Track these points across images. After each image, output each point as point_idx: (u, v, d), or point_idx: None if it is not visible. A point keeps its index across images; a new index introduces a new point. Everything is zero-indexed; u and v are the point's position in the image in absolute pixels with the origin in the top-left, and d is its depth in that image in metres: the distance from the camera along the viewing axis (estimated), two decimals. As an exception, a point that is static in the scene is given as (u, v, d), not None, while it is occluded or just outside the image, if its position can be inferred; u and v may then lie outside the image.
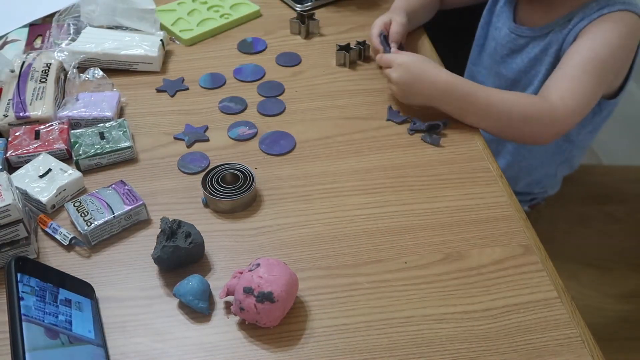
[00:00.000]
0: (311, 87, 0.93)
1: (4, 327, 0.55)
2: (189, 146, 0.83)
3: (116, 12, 0.99)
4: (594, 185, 1.21)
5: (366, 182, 0.77)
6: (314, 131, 0.85)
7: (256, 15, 1.10)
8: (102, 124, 0.82)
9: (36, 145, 0.79)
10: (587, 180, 1.21)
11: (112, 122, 0.82)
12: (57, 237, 0.69)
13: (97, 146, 0.79)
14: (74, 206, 0.71)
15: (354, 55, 0.97)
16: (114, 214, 0.70)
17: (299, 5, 1.11)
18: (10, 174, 0.70)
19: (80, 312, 0.59)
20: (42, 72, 0.89)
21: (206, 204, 0.74)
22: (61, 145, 0.79)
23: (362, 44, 0.98)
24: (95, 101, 0.86)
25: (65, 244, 0.69)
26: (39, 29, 1.03)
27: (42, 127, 0.81)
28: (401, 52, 0.89)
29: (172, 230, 0.65)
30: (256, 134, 0.85)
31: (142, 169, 0.80)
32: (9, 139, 0.79)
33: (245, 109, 0.89)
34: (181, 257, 0.65)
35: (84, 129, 0.81)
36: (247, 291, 0.58)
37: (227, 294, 0.61)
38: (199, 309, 0.62)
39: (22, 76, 0.88)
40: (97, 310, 0.62)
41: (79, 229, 0.69)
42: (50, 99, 0.85)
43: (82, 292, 0.62)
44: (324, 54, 1.00)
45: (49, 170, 0.75)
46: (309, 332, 0.61)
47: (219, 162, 0.77)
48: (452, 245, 0.69)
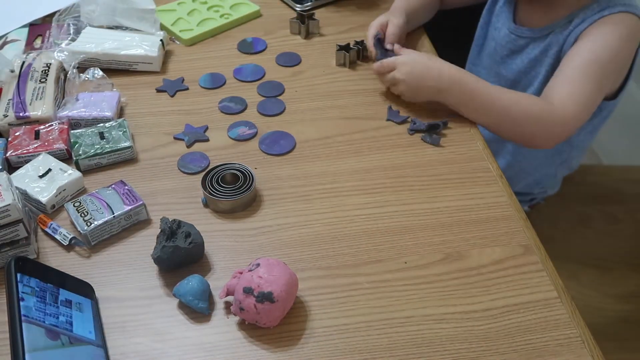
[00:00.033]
0: (311, 87, 0.93)
1: (4, 327, 0.55)
2: (188, 146, 0.83)
3: (116, 12, 0.99)
4: (594, 185, 1.20)
5: (366, 182, 0.77)
6: (314, 131, 0.85)
7: (256, 15, 1.10)
8: (102, 124, 0.82)
9: (36, 145, 0.79)
10: (587, 180, 1.21)
11: (112, 122, 0.82)
12: (57, 237, 0.69)
13: (97, 146, 0.79)
14: (74, 206, 0.70)
15: (354, 55, 0.97)
16: (113, 214, 0.70)
17: (299, 5, 1.11)
18: (10, 174, 0.70)
19: (80, 312, 0.59)
20: (42, 72, 0.89)
21: (206, 204, 0.74)
22: (61, 145, 0.79)
23: (361, 44, 0.97)
24: (95, 101, 0.86)
25: (65, 244, 0.69)
26: (39, 29, 1.03)
27: (42, 127, 0.81)
28: (400, 52, 0.88)
29: (172, 230, 0.65)
30: (256, 134, 0.85)
31: (142, 169, 0.80)
32: (9, 139, 0.79)
33: (245, 109, 0.89)
34: (181, 257, 0.65)
35: (83, 129, 0.81)
36: (247, 291, 0.58)
37: (227, 294, 0.61)
38: (198, 309, 0.62)
39: (22, 76, 0.88)
40: (97, 310, 0.62)
41: (79, 229, 0.69)
42: (50, 99, 0.85)
43: (82, 292, 0.62)
44: (324, 54, 1.00)
45: (49, 170, 0.75)
46: (309, 332, 0.61)
47: (219, 162, 0.77)
48: (452, 245, 0.69)
